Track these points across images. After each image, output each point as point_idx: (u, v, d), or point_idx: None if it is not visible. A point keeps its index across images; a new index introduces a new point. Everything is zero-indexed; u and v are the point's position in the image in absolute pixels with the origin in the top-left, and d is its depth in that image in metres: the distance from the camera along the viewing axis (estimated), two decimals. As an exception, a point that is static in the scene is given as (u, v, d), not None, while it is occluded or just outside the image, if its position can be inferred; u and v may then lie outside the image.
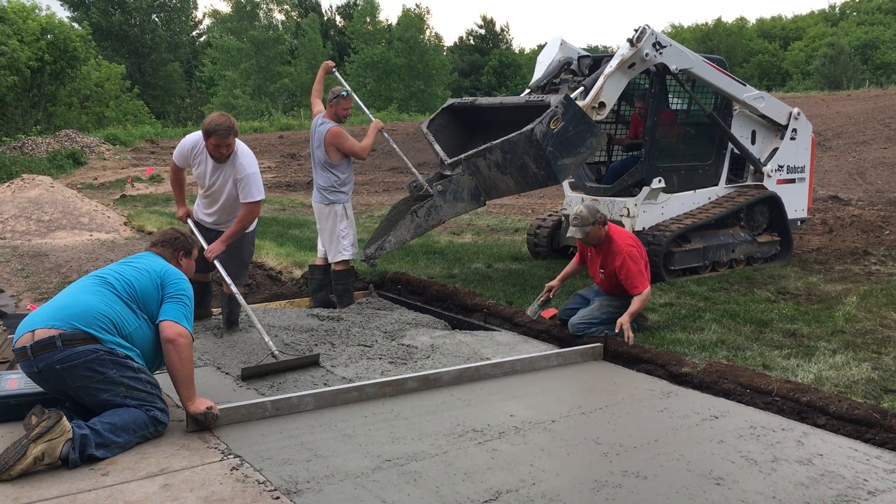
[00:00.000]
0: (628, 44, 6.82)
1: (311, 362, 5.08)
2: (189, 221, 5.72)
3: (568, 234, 5.63)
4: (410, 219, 6.59)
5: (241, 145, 5.47)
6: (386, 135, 6.94)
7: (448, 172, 6.75)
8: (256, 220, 5.73)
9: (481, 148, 6.52)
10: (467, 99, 7.82)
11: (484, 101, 7.64)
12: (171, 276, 4.01)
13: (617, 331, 5.26)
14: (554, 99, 6.41)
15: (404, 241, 6.73)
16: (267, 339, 5.10)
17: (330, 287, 6.81)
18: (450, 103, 7.78)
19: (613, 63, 6.79)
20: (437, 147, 7.12)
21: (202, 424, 3.86)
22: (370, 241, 6.86)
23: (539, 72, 7.77)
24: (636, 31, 6.84)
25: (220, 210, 5.65)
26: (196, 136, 5.53)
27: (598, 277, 5.74)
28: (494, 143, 6.40)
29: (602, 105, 6.69)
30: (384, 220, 7.00)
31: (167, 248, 4.30)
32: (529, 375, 4.92)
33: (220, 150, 5.31)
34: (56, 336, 3.56)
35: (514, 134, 6.29)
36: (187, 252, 4.36)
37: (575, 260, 6.00)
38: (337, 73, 7.16)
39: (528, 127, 6.19)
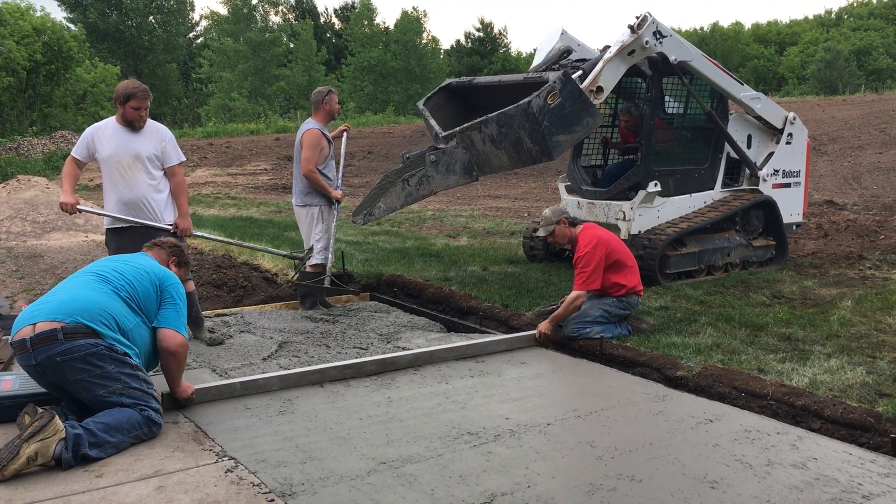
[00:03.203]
0: (629, 30, 6.80)
1: None
2: (80, 207, 5.63)
3: (534, 234, 5.70)
4: (401, 187, 6.59)
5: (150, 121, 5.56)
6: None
7: (442, 146, 6.74)
8: None
9: (476, 121, 6.51)
10: (465, 78, 7.83)
11: (482, 79, 7.66)
12: (169, 280, 4.07)
13: (536, 335, 5.47)
14: (552, 75, 6.42)
15: (394, 209, 6.75)
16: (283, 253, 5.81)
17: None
18: (447, 82, 7.80)
19: (613, 49, 6.77)
20: (433, 121, 7.11)
21: (178, 403, 4.17)
22: (359, 207, 6.87)
23: (539, 58, 7.77)
24: (638, 17, 6.83)
25: (136, 193, 5.43)
26: (100, 122, 5.57)
27: None
28: (490, 115, 6.39)
29: (600, 90, 6.67)
30: (374, 188, 6.99)
31: (163, 251, 4.35)
32: (524, 377, 4.92)
33: (141, 113, 5.34)
34: (58, 329, 3.58)
35: (510, 107, 6.29)
36: (179, 262, 4.44)
37: None
38: (345, 136, 7.23)
39: (526, 100, 6.20)
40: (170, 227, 5.49)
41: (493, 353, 5.41)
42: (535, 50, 8.26)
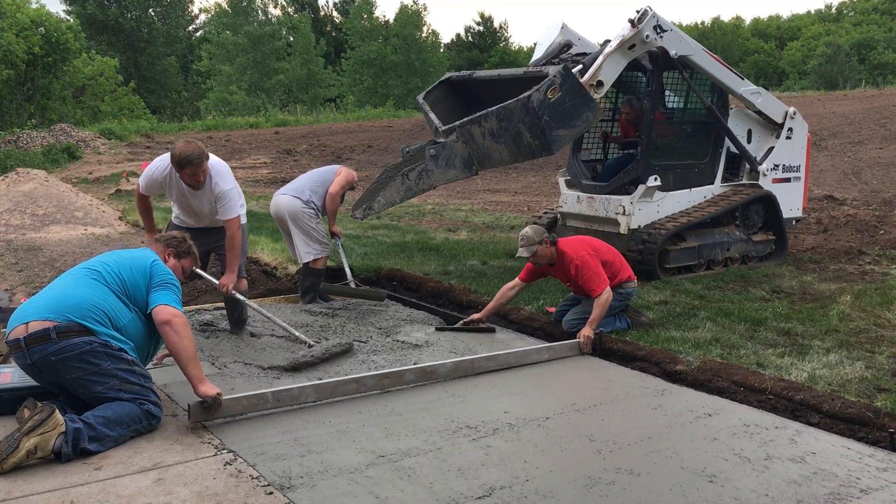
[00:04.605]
0: (629, 24, 6.78)
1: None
2: None
3: (517, 255, 5.63)
4: (401, 181, 6.61)
5: (212, 160, 5.25)
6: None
7: (442, 140, 6.72)
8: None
9: (476, 115, 6.50)
10: (465, 72, 7.82)
11: (482, 73, 7.65)
12: (159, 269, 4.02)
13: (581, 340, 5.29)
14: (552, 69, 6.41)
15: (393, 203, 6.77)
16: (296, 333, 5.36)
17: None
18: (447, 76, 7.79)
19: (613, 43, 6.75)
20: (432, 115, 7.11)
21: (206, 410, 3.82)
22: (359, 201, 6.89)
23: (539, 52, 7.76)
24: (638, 12, 6.80)
25: (203, 221, 5.53)
26: (164, 163, 5.26)
27: (573, 289, 5.79)
28: (490, 110, 6.38)
29: (600, 84, 6.65)
30: (374, 182, 7.01)
31: (160, 245, 4.35)
32: (523, 372, 4.92)
33: (198, 178, 5.10)
34: (51, 328, 3.56)
35: (510, 101, 6.27)
36: (178, 254, 4.36)
37: (505, 288, 5.86)
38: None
39: (525, 94, 6.18)
40: (216, 282, 5.35)
41: (539, 364, 5.11)
42: (535, 44, 8.24)
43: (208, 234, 5.53)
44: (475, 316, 5.88)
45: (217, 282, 5.31)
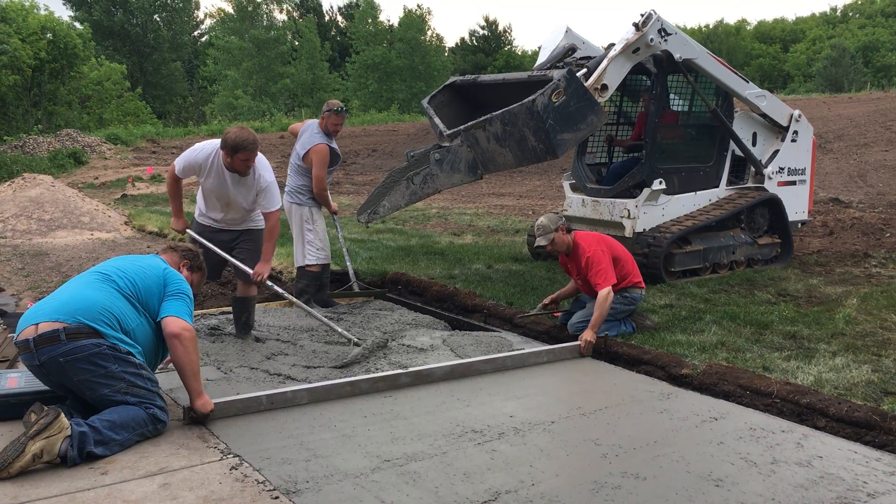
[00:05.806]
0: (634, 28, 6.78)
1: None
2: (189, 232, 5.55)
3: (535, 245, 5.64)
4: (406, 185, 6.63)
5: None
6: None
7: (447, 144, 6.73)
8: None
9: (481, 119, 6.50)
10: (469, 76, 7.83)
11: (486, 77, 7.67)
12: (172, 277, 4.06)
13: (581, 344, 5.30)
14: (557, 73, 6.42)
15: (398, 207, 6.79)
16: (340, 330, 5.37)
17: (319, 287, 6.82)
18: (451, 80, 7.81)
19: (618, 46, 6.76)
20: (437, 119, 7.13)
21: (192, 420, 3.95)
22: (363, 205, 6.92)
23: (543, 56, 7.77)
24: (642, 15, 6.81)
25: (234, 215, 5.53)
26: (209, 148, 5.28)
27: (580, 285, 5.78)
28: (494, 114, 6.38)
29: (604, 87, 6.66)
30: (378, 186, 7.03)
31: (175, 254, 4.37)
32: (528, 376, 4.92)
33: (248, 164, 5.13)
34: (60, 329, 3.58)
35: (514, 105, 6.28)
36: (192, 266, 4.39)
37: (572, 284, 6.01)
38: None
39: (530, 98, 6.19)
40: (250, 272, 5.38)
41: (536, 365, 5.15)
42: (539, 48, 8.24)
43: (227, 236, 5.52)
44: (548, 300, 6.00)
45: (251, 270, 5.35)
